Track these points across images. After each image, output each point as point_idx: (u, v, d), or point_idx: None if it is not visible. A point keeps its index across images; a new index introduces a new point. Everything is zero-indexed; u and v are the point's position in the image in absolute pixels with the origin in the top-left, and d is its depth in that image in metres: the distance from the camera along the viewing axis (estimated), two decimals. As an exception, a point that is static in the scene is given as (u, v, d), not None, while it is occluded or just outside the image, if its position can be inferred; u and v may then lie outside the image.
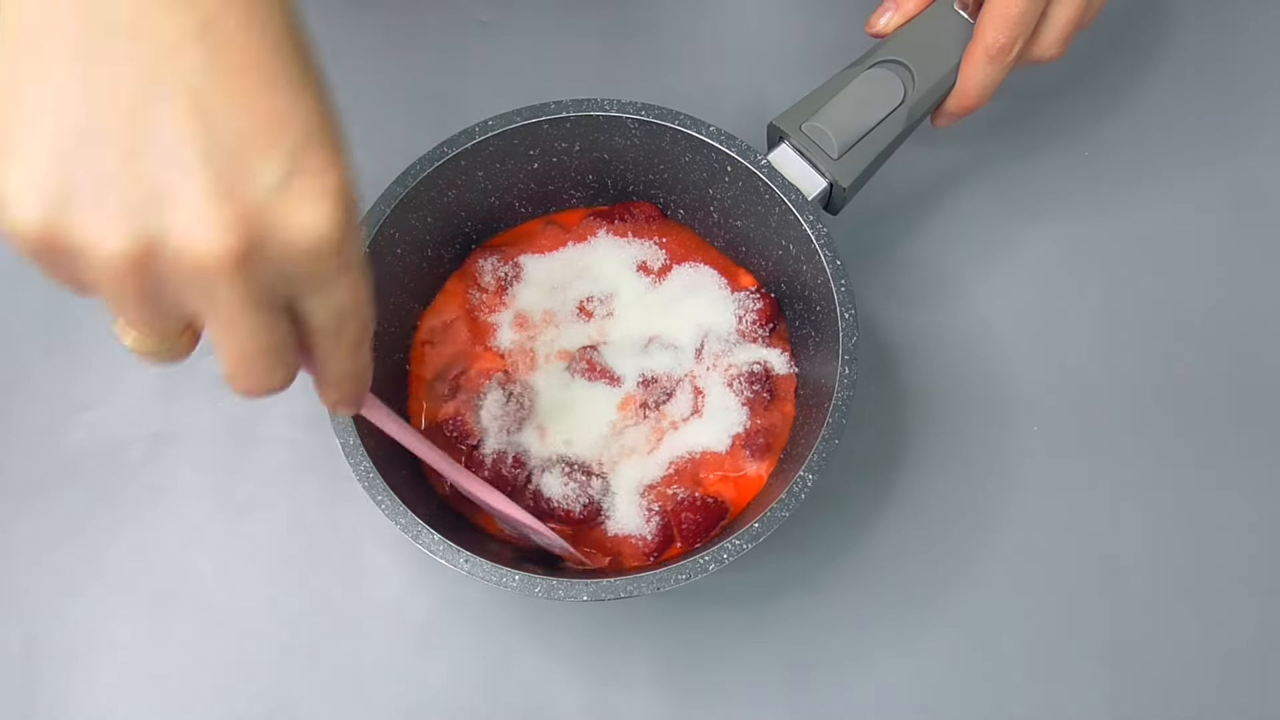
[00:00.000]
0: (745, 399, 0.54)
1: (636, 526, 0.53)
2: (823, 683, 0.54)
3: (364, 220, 0.51)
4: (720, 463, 0.54)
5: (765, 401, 0.55)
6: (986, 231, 0.62)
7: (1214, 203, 0.62)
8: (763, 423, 0.55)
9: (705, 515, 0.52)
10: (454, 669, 0.54)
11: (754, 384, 0.55)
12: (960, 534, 0.56)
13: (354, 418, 0.48)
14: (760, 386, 0.55)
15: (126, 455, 0.57)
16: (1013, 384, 0.59)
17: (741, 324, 0.56)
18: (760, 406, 0.55)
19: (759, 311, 0.56)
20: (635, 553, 0.53)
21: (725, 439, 0.54)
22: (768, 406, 0.55)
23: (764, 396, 0.55)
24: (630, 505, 0.53)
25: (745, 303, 0.56)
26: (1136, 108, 0.64)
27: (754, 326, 0.56)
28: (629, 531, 0.53)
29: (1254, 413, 0.58)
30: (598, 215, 0.58)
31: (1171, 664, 0.54)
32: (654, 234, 0.58)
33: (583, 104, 0.53)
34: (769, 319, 0.56)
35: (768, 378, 0.55)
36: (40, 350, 0.59)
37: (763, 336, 0.56)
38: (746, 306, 0.56)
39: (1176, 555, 0.56)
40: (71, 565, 0.55)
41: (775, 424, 0.55)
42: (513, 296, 0.57)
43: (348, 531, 0.56)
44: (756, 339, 0.56)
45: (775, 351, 0.56)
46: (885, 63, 0.53)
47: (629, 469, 0.54)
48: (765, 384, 0.55)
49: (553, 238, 0.58)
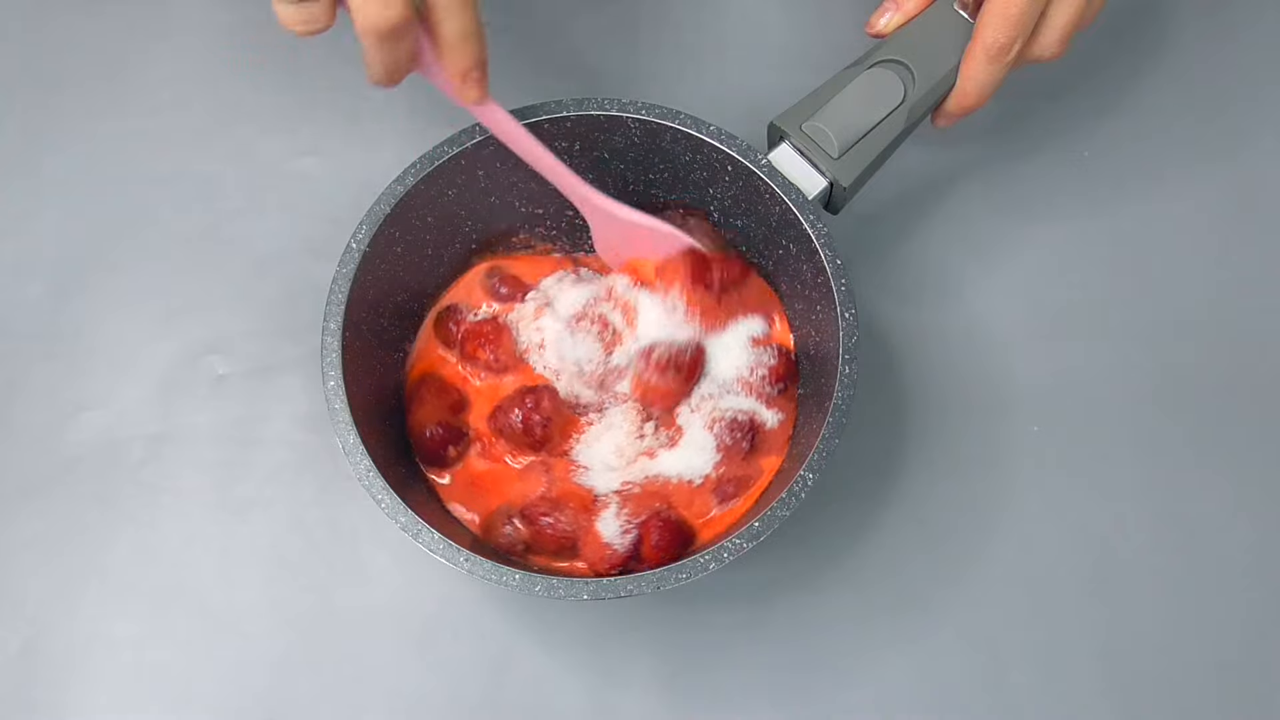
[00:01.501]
0: (723, 444, 0.53)
1: (612, 534, 0.51)
2: (822, 683, 0.54)
3: (364, 220, 0.51)
4: (690, 496, 0.53)
5: (743, 452, 0.53)
6: (986, 231, 0.62)
7: (1213, 203, 0.62)
8: (735, 473, 0.53)
9: (674, 535, 0.51)
10: (454, 669, 0.54)
11: (734, 431, 0.53)
12: (960, 533, 0.56)
13: (354, 418, 0.48)
14: (741, 435, 0.53)
15: (126, 455, 0.57)
16: (1013, 384, 0.59)
17: (750, 376, 0.54)
18: (737, 456, 0.53)
19: (770, 369, 0.54)
20: (599, 559, 0.51)
21: (697, 476, 0.53)
22: (745, 457, 0.53)
23: (742, 446, 0.53)
24: (611, 512, 0.52)
25: (760, 356, 0.54)
26: (1136, 108, 0.64)
27: (761, 382, 0.54)
28: (605, 538, 0.51)
29: (1254, 412, 0.58)
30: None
31: (1171, 663, 0.54)
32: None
33: (583, 103, 0.53)
34: (779, 379, 0.54)
35: (751, 429, 0.53)
36: (40, 350, 0.59)
37: (767, 394, 0.54)
38: (760, 360, 0.54)
39: (1176, 555, 0.56)
40: (71, 565, 0.55)
41: (750, 476, 0.53)
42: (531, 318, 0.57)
43: (348, 531, 0.56)
44: (760, 395, 0.54)
45: (772, 412, 0.54)
46: (885, 62, 0.53)
47: (611, 477, 0.53)
48: (746, 434, 0.53)
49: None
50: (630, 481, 0.53)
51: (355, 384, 0.49)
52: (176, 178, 0.63)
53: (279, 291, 0.60)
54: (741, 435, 0.53)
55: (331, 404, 0.48)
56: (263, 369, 0.59)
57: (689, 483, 0.53)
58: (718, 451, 0.53)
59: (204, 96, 0.65)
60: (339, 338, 0.49)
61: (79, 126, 0.64)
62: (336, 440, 0.48)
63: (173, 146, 0.63)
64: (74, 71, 0.65)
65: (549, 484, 0.53)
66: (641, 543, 0.51)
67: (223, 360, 0.59)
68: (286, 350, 0.59)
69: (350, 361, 0.50)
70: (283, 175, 0.63)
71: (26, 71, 0.65)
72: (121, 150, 0.63)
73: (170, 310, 0.60)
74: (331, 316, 0.50)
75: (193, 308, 0.60)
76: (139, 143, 0.63)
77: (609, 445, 0.54)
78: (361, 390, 0.50)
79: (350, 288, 0.50)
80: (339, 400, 0.48)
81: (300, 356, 0.59)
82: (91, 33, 0.66)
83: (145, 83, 0.65)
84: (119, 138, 0.63)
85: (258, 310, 0.60)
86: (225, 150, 0.63)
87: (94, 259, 0.61)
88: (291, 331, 0.59)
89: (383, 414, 0.53)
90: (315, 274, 0.53)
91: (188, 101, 0.64)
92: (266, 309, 0.60)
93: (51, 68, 0.65)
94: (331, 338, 0.49)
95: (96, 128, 0.64)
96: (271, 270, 0.60)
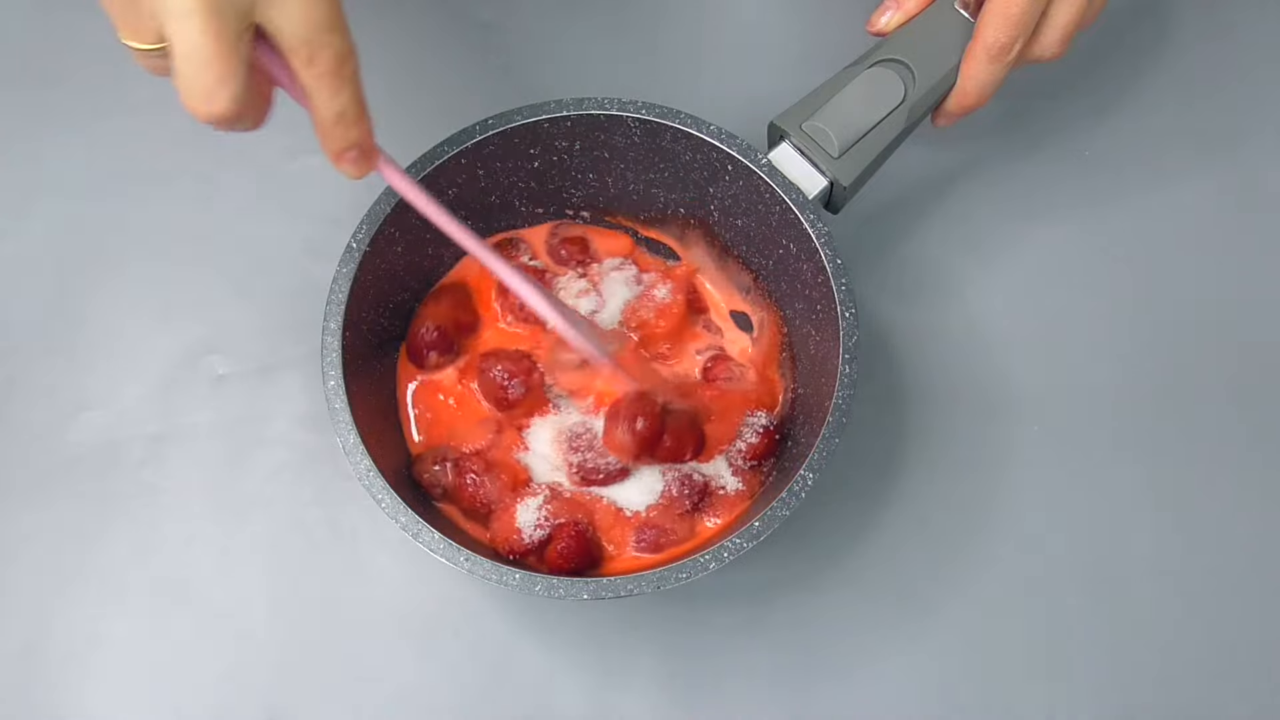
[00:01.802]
0: (668, 494, 0.52)
1: (526, 522, 0.51)
2: (822, 682, 0.54)
3: (364, 220, 0.51)
4: (613, 522, 0.52)
5: (684, 508, 0.52)
6: (986, 231, 0.62)
7: (1214, 202, 0.62)
8: (665, 523, 0.52)
9: (583, 552, 0.51)
10: (454, 669, 0.54)
11: (684, 487, 0.52)
12: (960, 534, 0.56)
13: (354, 418, 0.48)
14: (689, 493, 0.52)
15: (126, 455, 0.57)
16: (1013, 384, 0.59)
17: (728, 443, 0.53)
18: (676, 509, 0.52)
19: (749, 445, 0.53)
20: (504, 539, 0.51)
21: (629, 508, 0.53)
22: (684, 513, 0.52)
23: (685, 503, 0.52)
24: (535, 502, 0.52)
25: (745, 430, 0.54)
26: (1136, 108, 0.64)
27: (737, 453, 0.53)
28: (519, 523, 0.51)
29: (1254, 412, 0.58)
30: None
31: (1171, 663, 0.54)
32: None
33: (583, 103, 0.53)
34: (755, 456, 0.53)
35: (702, 492, 0.52)
36: (40, 350, 0.59)
37: (738, 464, 0.54)
38: (743, 434, 0.53)
39: (1176, 554, 0.56)
40: (71, 564, 0.55)
41: (677, 532, 0.52)
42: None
43: (348, 531, 0.56)
44: (732, 463, 0.53)
45: (735, 479, 0.53)
46: (886, 62, 0.53)
47: (549, 469, 0.54)
48: (695, 494, 0.52)
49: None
50: (563, 485, 0.53)
51: (355, 384, 0.49)
52: (176, 177, 0.63)
53: (279, 291, 0.60)
54: (690, 493, 0.52)
55: (331, 404, 0.48)
56: (263, 369, 0.59)
57: (619, 510, 0.53)
58: (661, 498, 0.53)
59: (204, 96, 0.64)
60: (339, 338, 0.49)
61: (79, 125, 0.64)
62: (336, 440, 0.48)
63: (173, 146, 0.63)
64: (74, 70, 0.65)
65: (492, 445, 0.53)
66: (549, 543, 0.51)
67: (223, 360, 0.59)
68: (286, 350, 0.59)
69: (350, 361, 0.50)
70: (283, 175, 0.63)
71: (26, 70, 0.65)
72: (121, 149, 0.63)
73: (170, 310, 0.60)
74: (331, 316, 0.50)
75: (193, 307, 0.60)
76: (139, 142, 0.63)
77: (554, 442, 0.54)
78: (361, 390, 0.50)
79: (350, 288, 0.50)
80: (339, 400, 0.48)
81: (300, 356, 0.58)
82: (91, 31, 0.66)
83: (145, 82, 0.65)
84: (119, 137, 0.63)
85: (258, 310, 0.60)
86: (225, 150, 0.63)
87: (94, 258, 0.61)
88: (291, 331, 0.59)
89: (383, 413, 0.53)
90: (315, 274, 0.53)
91: (188, 101, 0.64)
92: (266, 309, 0.60)
93: (51, 66, 0.65)
94: (331, 338, 0.49)
95: (97, 127, 0.64)
96: (271, 270, 0.60)
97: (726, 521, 0.53)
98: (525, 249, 0.58)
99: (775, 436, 0.54)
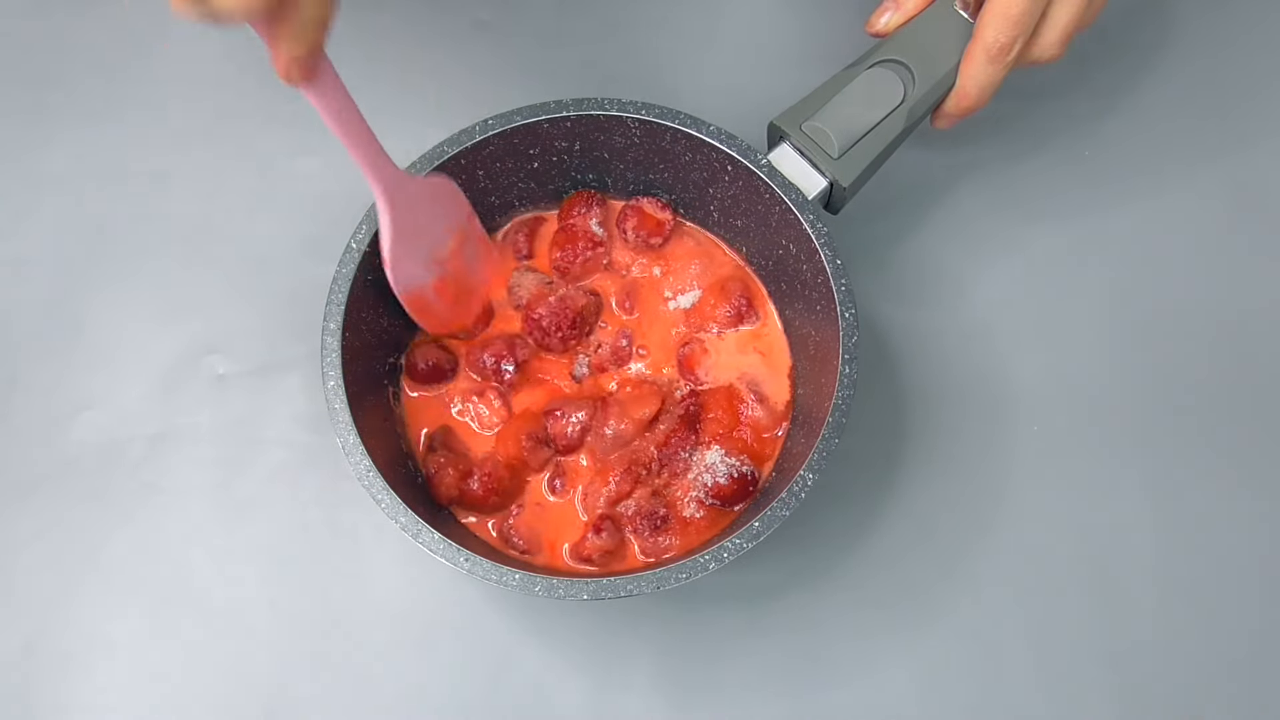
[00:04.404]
0: (624, 518, 0.52)
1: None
2: (822, 682, 0.54)
3: (364, 220, 0.51)
4: (560, 519, 0.53)
5: (623, 536, 0.52)
6: (986, 231, 0.62)
7: (1214, 202, 0.62)
8: (599, 543, 0.51)
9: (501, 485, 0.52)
10: (454, 669, 0.54)
11: (640, 519, 0.52)
12: (960, 534, 0.56)
13: (354, 418, 0.48)
14: (642, 523, 0.51)
15: (126, 455, 0.57)
16: (1013, 384, 0.59)
17: (698, 477, 0.52)
18: (612, 529, 0.51)
19: (715, 483, 0.52)
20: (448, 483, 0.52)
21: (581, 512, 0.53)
22: (623, 541, 0.52)
23: (626, 530, 0.52)
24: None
25: (720, 468, 0.52)
26: (1136, 108, 0.64)
27: (703, 488, 0.52)
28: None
29: (1254, 412, 0.58)
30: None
31: (1171, 662, 0.54)
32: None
33: (583, 103, 0.53)
34: (719, 497, 0.52)
35: (655, 523, 0.51)
36: (40, 350, 0.59)
37: (702, 499, 0.52)
38: (717, 470, 0.52)
39: (1176, 554, 0.56)
40: (71, 565, 0.55)
41: (608, 550, 0.51)
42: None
43: (348, 531, 0.56)
44: (698, 498, 0.52)
45: (694, 508, 0.52)
46: (885, 62, 0.53)
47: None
48: (645, 523, 0.51)
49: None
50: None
51: (355, 384, 0.50)
52: (176, 177, 0.63)
53: (279, 291, 0.60)
54: (642, 523, 0.52)
55: (331, 404, 0.48)
56: (263, 369, 0.59)
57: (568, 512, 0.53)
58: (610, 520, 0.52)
59: (204, 96, 0.65)
60: (339, 338, 0.49)
61: (79, 125, 0.64)
62: (336, 440, 0.48)
63: (173, 146, 0.63)
64: (74, 71, 0.65)
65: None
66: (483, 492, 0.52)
67: (223, 360, 0.59)
68: (286, 350, 0.59)
69: (350, 361, 0.50)
70: (283, 175, 0.63)
71: (26, 71, 0.65)
72: (121, 149, 0.63)
73: (170, 309, 0.60)
74: (331, 316, 0.50)
75: (193, 307, 0.60)
76: (139, 142, 0.63)
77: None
78: (361, 390, 0.50)
79: (350, 288, 0.50)
80: (339, 400, 0.48)
81: (300, 356, 0.59)
82: (91, 32, 0.66)
83: (145, 82, 0.65)
84: (119, 137, 0.63)
85: (258, 310, 0.60)
86: (225, 149, 0.63)
87: (94, 258, 0.61)
88: (291, 331, 0.59)
89: (383, 413, 0.53)
90: (315, 274, 0.53)
91: (187, 101, 0.64)
92: (266, 309, 0.60)
93: (51, 67, 0.65)
94: (331, 338, 0.49)
95: (96, 127, 0.64)
96: (271, 270, 0.61)
97: (681, 547, 0.52)
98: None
99: (747, 481, 0.52)
